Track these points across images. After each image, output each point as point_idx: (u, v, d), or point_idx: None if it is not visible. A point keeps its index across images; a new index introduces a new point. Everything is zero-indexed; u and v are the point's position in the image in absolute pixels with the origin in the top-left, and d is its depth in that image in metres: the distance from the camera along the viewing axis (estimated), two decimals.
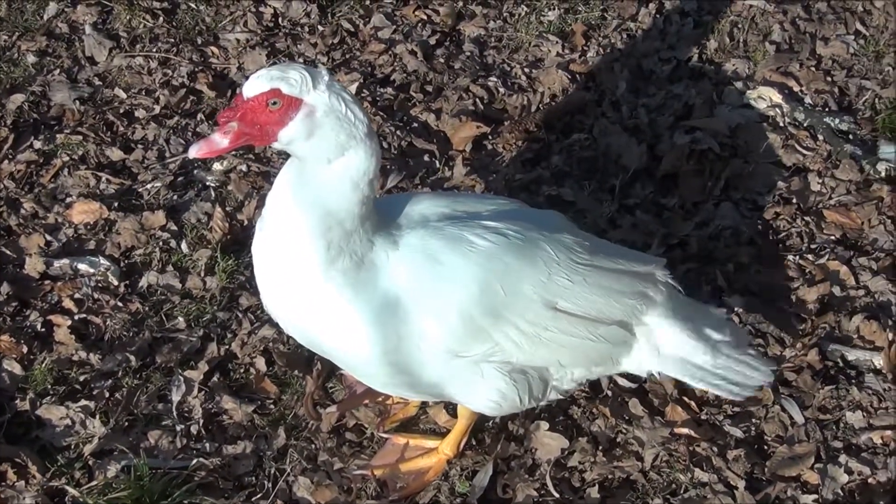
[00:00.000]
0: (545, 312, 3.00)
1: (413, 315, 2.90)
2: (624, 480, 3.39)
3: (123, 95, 4.80)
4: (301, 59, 4.98)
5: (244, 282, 3.95)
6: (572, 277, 3.03)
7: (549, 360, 3.07)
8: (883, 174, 4.29)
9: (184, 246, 4.12)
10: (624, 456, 3.43)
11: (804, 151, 4.39)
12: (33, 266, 4.01)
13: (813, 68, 4.84)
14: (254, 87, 2.73)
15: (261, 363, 3.70)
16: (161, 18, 5.17)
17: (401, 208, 3.07)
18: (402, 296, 2.90)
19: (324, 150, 2.77)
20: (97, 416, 3.51)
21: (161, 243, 4.12)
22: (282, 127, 2.74)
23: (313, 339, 3.03)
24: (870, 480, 3.33)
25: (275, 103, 2.72)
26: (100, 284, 3.97)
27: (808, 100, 4.69)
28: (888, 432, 3.44)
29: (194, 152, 2.76)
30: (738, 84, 4.74)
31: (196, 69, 4.92)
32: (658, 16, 5.21)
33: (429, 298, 2.91)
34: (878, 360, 3.64)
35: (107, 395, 3.59)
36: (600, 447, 3.45)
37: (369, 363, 2.98)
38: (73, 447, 3.46)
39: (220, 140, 2.77)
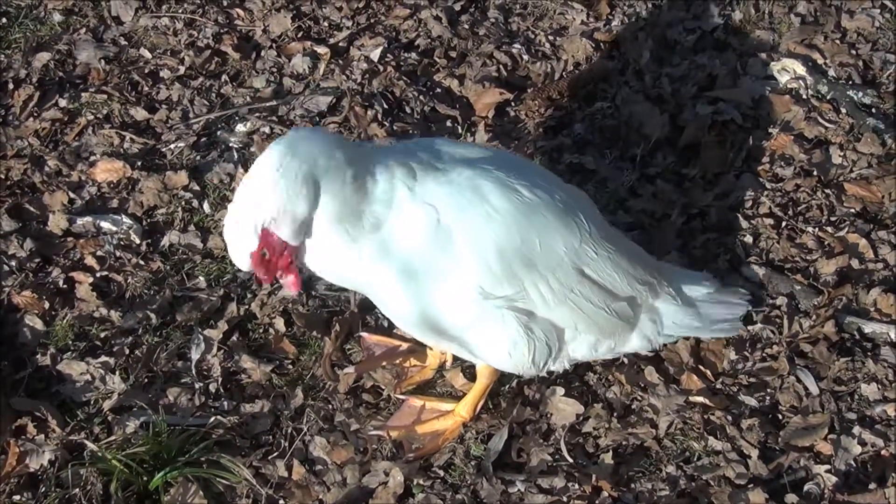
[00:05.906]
0: (574, 275, 3.05)
1: (451, 247, 2.92)
2: (638, 447, 3.40)
3: (149, 55, 4.82)
4: (325, 24, 4.98)
5: None
6: (598, 251, 3.09)
7: (568, 321, 3.11)
8: None
9: (206, 206, 4.15)
10: (638, 423, 3.45)
11: (826, 124, 4.38)
12: (56, 223, 4.04)
13: (837, 41, 4.82)
14: (242, 256, 2.80)
15: (280, 323, 3.73)
16: None
17: (444, 150, 3.09)
18: (444, 228, 2.91)
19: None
20: (117, 373, 3.55)
21: (183, 203, 4.15)
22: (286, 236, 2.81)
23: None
24: (883, 452, 3.34)
25: (263, 252, 2.78)
26: (122, 242, 4.00)
27: (831, 73, 4.67)
28: None
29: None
30: (763, 55, 4.72)
31: (221, 31, 4.93)
32: None
33: (472, 232, 2.92)
34: (895, 334, 3.64)
35: (127, 351, 3.63)
36: (615, 414, 3.47)
37: (400, 299, 2.98)
38: (92, 402, 3.50)
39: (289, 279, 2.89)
